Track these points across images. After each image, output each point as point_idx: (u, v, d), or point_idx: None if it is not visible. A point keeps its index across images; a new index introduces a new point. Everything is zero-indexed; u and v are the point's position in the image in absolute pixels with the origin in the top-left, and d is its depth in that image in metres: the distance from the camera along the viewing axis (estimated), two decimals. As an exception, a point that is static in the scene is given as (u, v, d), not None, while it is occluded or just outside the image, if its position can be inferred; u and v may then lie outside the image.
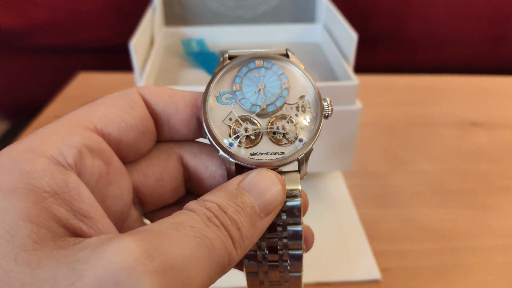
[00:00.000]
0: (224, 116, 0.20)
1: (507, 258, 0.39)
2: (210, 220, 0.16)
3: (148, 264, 0.13)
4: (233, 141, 0.19)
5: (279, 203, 0.18)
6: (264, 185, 0.18)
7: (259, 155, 0.19)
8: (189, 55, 0.48)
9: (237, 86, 0.20)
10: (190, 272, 0.14)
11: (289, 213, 0.19)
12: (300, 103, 0.20)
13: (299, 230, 0.20)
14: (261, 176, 0.18)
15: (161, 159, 0.21)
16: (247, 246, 0.17)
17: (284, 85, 0.21)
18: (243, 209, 0.17)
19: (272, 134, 0.20)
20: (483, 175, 0.49)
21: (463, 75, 0.71)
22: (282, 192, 0.18)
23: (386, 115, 0.60)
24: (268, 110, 0.20)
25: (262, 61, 0.21)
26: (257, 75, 0.21)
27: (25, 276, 0.13)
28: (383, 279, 0.36)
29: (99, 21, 0.72)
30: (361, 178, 0.48)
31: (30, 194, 0.14)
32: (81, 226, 0.15)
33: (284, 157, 0.19)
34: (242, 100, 0.20)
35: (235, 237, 0.16)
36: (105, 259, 0.13)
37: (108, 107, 0.19)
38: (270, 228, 0.19)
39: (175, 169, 0.21)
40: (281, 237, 0.20)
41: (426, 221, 0.42)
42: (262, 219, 0.18)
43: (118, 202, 0.19)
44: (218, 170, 0.21)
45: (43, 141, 0.16)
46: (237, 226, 0.17)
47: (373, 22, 0.73)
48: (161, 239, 0.14)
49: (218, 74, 0.21)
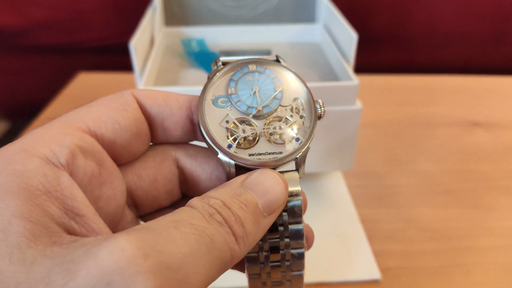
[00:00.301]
0: (220, 119, 0.20)
1: (507, 258, 0.39)
2: (212, 217, 0.16)
3: (142, 264, 0.13)
4: (231, 143, 0.20)
5: (282, 202, 0.18)
6: (267, 184, 0.18)
7: (258, 155, 0.20)
8: (189, 55, 0.47)
9: (232, 90, 0.21)
10: (188, 271, 0.14)
11: (290, 212, 0.20)
12: (294, 105, 0.21)
13: (301, 229, 0.20)
14: (264, 175, 0.18)
15: (156, 161, 0.21)
16: (250, 243, 0.17)
17: (278, 88, 0.21)
18: (247, 207, 0.17)
19: (269, 135, 0.20)
20: (483, 175, 0.49)
21: (464, 75, 0.71)
22: (285, 191, 0.19)
23: (386, 115, 0.60)
24: (263, 112, 0.20)
25: (255, 66, 0.22)
26: (251, 78, 0.21)
27: (20, 275, 0.13)
28: (383, 279, 0.36)
29: (99, 20, 0.72)
30: (361, 178, 0.48)
31: (23, 193, 0.15)
32: (72, 225, 0.15)
33: (283, 156, 0.20)
34: (238, 103, 0.20)
35: (238, 233, 0.16)
36: (98, 260, 0.13)
37: (102, 109, 0.19)
38: (272, 228, 0.19)
39: (169, 171, 0.21)
40: (282, 237, 0.20)
41: (426, 221, 0.42)
42: (265, 218, 0.18)
43: (111, 202, 0.19)
44: (215, 172, 0.21)
45: (36, 142, 0.16)
46: (241, 223, 0.17)
47: (373, 21, 0.73)
48: (157, 238, 0.14)
49: (212, 78, 0.21)
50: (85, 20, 0.72)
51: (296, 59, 0.48)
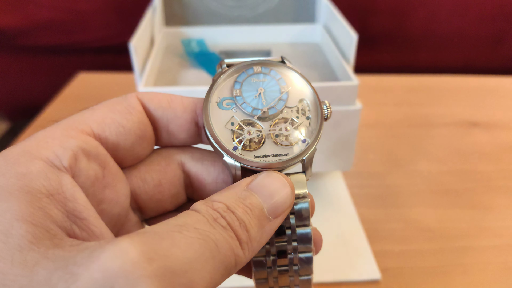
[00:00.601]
0: (226, 121, 0.20)
1: (507, 258, 0.39)
2: (217, 221, 0.16)
3: (147, 268, 0.13)
4: (237, 145, 0.19)
5: (288, 205, 0.18)
6: (273, 187, 0.18)
7: (264, 157, 0.19)
8: (189, 55, 0.48)
9: (237, 92, 0.21)
10: (193, 275, 0.14)
11: (297, 215, 0.19)
12: (299, 106, 0.21)
13: (308, 233, 0.19)
14: (270, 178, 0.18)
15: (161, 165, 0.21)
16: (255, 248, 0.17)
17: (283, 89, 0.21)
18: (252, 211, 0.17)
19: (275, 136, 0.20)
20: (482, 175, 0.49)
21: (463, 75, 0.71)
22: (291, 194, 0.18)
23: (386, 115, 0.60)
24: (269, 114, 0.20)
25: (260, 67, 0.21)
26: (256, 80, 0.21)
27: (22, 278, 0.13)
28: (383, 279, 0.36)
29: (99, 21, 0.72)
30: (361, 178, 0.48)
31: (25, 195, 0.14)
32: (74, 228, 0.15)
33: (289, 157, 0.19)
34: (243, 105, 0.20)
35: (242, 238, 0.16)
36: (102, 263, 0.13)
37: (106, 112, 0.19)
38: (279, 232, 0.19)
39: (174, 175, 0.21)
40: (290, 241, 0.20)
41: (426, 221, 0.42)
42: (270, 222, 0.18)
43: (114, 205, 0.19)
44: (221, 175, 0.21)
45: (39, 144, 0.16)
46: (245, 228, 0.16)
47: (373, 22, 0.73)
48: (161, 242, 0.14)
49: (217, 81, 0.21)
50: (85, 21, 0.72)
51: (296, 59, 0.48)
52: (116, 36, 0.72)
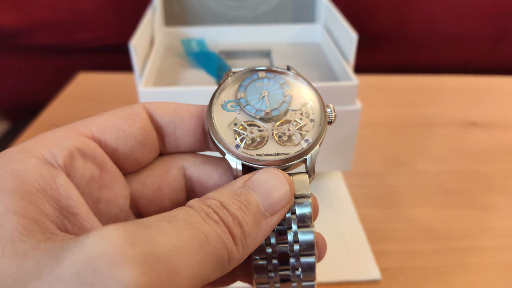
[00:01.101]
0: (229, 121, 0.20)
1: (507, 258, 0.39)
2: (209, 216, 0.16)
3: (129, 252, 0.13)
4: (239, 143, 0.20)
5: (285, 202, 0.18)
6: (270, 184, 0.18)
7: (265, 155, 0.19)
8: (189, 55, 0.48)
9: (241, 94, 0.21)
10: (178, 263, 0.14)
11: (299, 216, 0.19)
12: (303, 110, 0.21)
13: (310, 233, 0.19)
14: (267, 174, 0.18)
15: (162, 170, 0.21)
16: (250, 245, 0.17)
17: (287, 93, 0.21)
18: (247, 207, 0.17)
19: (278, 136, 0.20)
20: (482, 175, 0.49)
21: (463, 75, 0.71)
22: (289, 191, 0.18)
23: (386, 115, 0.60)
24: (272, 115, 0.21)
25: (265, 73, 0.22)
26: (261, 84, 0.22)
27: (12, 267, 0.13)
28: (383, 279, 0.36)
29: (99, 21, 0.72)
30: (361, 178, 0.48)
31: (18, 190, 0.15)
32: (65, 224, 0.16)
33: (291, 155, 0.19)
34: (247, 107, 0.21)
35: (236, 233, 0.16)
36: (85, 246, 0.13)
37: (109, 117, 0.19)
38: (280, 232, 0.19)
39: (175, 180, 0.21)
40: (291, 244, 0.19)
41: (426, 221, 0.43)
42: (267, 219, 0.17)
43: (112, 206, 0.19)
44: (223, 178, 0.21)
45: (37, 144, 0.17)
46: (239, 223, 0.16)
47: (373, 21, 0.73)
48: (147, 229, 0.14)
49: (222, 85, 0.21)
50: (85, 21, 0.72)
51: (296, 59, 0.48)
52: (116, 36, 0.72)
